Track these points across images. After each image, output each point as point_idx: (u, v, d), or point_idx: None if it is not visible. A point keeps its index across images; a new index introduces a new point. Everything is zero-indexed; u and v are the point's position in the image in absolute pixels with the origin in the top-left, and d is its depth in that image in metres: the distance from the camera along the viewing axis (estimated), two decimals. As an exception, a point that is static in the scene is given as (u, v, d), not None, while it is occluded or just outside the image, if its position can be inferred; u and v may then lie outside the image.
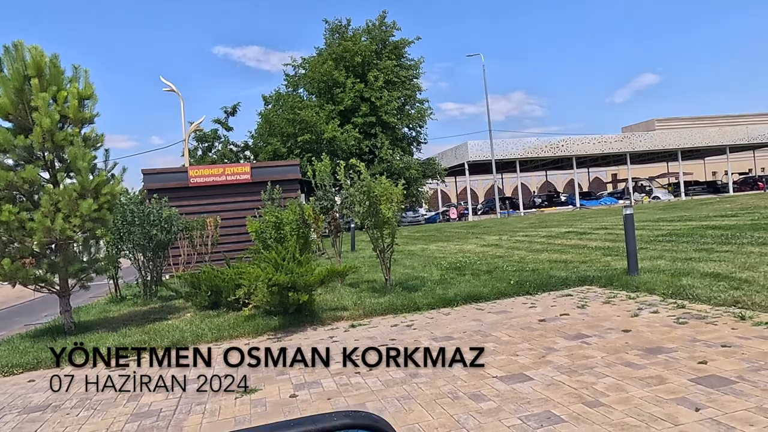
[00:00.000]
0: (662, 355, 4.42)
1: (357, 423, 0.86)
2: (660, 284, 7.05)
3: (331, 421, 0.84)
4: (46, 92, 7.35)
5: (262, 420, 3.89)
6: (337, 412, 0.86)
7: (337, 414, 0.85)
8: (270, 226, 9.84)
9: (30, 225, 7.18)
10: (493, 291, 7.86)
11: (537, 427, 3.30)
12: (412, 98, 37.96)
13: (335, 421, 0.84)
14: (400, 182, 8.68)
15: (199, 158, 35.12)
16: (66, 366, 6.25)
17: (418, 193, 37.56)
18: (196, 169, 17.74)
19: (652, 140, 44.18)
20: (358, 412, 0.87)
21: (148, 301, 10.48)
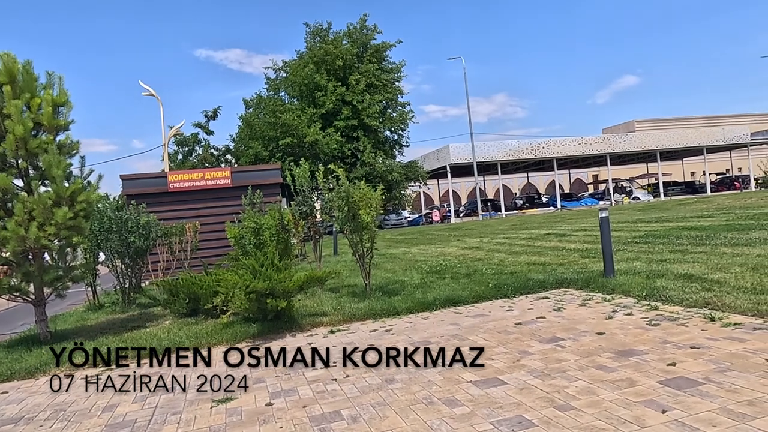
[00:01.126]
0: (633, 358, 4.50)
1: None
2: (635, 286, 7.17)
3: None
4: (19, 99, 7.25)
5: (237, 429, 3.89)
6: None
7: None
8: (249, 232, 9.79)
9: (3, 234, 7.08)
10: (471, 294, 7.92)
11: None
12: (394, 101, 38.08)
13: None
14: (378, 187, 8.71)
15: (180, 162, 34.85)
16: (40, 377, 6.17)
17: (401, 195, 37.67)
18: (175, 174, 17.62)
19: (632, 141, 44.83)
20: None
21: (127, 309, 10.38)
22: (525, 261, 10.96)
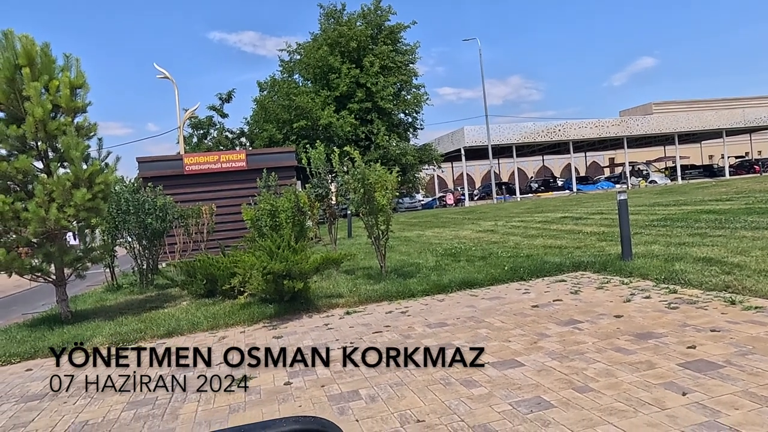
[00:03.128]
0: (652, 340, 4.47)
1: (306, 428, 0.87)
2: (653, 269, 7.10)
3: (280, 427, 0.85)
4: (38, 81, 7.30)
5: (257, 408, 3.94)
6: (287, 418, 0.88)
7: (287, 420, 0.87)
8: (265, 214, 9.84)
9: (24, 215, 7.18)
10: (487, 277, 7.90)
11: (527, 413, 3.34)
12: (408, 84, 37.76)
13: (284, 427, 0.85)
14: (394, 169, 8.68)
15: (195, 145, 34.98)
16: (64, 356, 6.29)
17: (415, 179, 37.54)
18: (191, 156, 17.71)
19: (649, 124, 44.15)
20: (307, 418, 0.88)
21: (145, 290, 10.51)
22: (541, 244, 10.90)
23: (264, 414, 3.81)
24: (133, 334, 6.64)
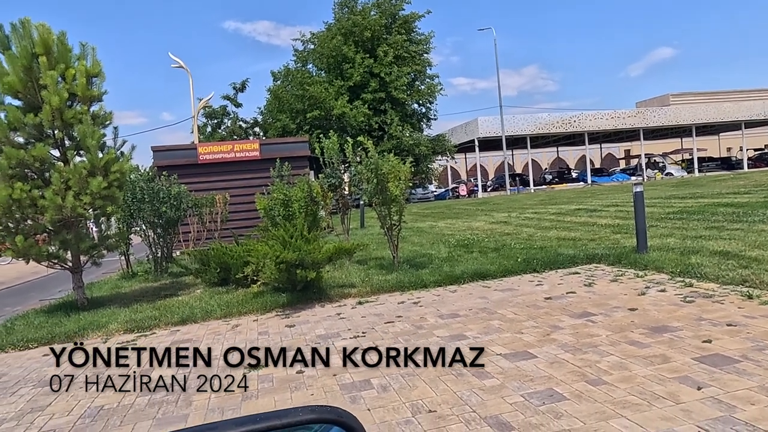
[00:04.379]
0: (667, 334, 4.43)
1: (322, 417, 0.87)
2: (669, 262, 7.02)
3: (296, 416, 0.85)
4: (54, 70, 7.35)
5: (269, 396, 3.97)
6: (303, 407, 0.87)
7: (303, 409, 0.86)
8: (278, 204, 9.88)
9: (41, 202, 7.26)
10: (500, 268, 7.87)
11: (539, 405, 3.33)
12: (422, 74, 37.53)
13: (300, 416, 0.85)
14: (408, 160, 8.65)
15: (209, 135, 35.14)
16: (79, 341, 6.38)
17: (428, 169, 37.41)
18: (205, 145, 17.79)
19: (667, 116, 43.54)
20: (323, 407, 0.88)
21: (159, 278, 10.62)
22: (554, 236, 10.83)
23: (276, 402, 3.84)
24: (148, 321, 6.72)
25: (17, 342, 6.39)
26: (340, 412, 0.88)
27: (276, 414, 0.85)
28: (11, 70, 7.29)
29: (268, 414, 0.85)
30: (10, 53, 7.33)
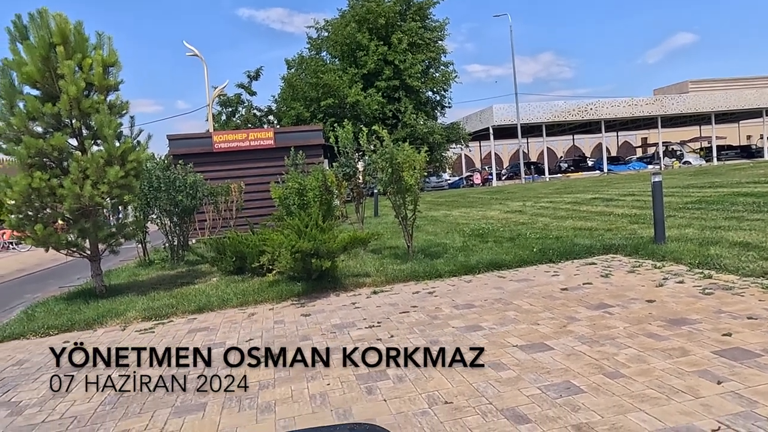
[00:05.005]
0: (686, 327, 4.38)
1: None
2: (687, 253, 6.93)
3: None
4: (72, 60, 7.40)
5: (286, 385, 3.99)
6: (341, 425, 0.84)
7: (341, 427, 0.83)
8: (293, 193, 9.90)
9: (60, 191, 7.35)
10: (515, 259, 7.83)
11: (556, 397, 3.32)
12: (437, 61, 37.27)
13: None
14: (423, 149, 8.60)
15: (223, 123, 35.23)
16: (98, 328, 6.48)
17: (442, 158, 37.26)
18: (220, 134, 17.86)
19: (685, 103, 42.86)
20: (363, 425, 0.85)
21: (176, 266, 10.72)
22: (570, 226, 10.74)
23: (293, 391, 3.86)
24: (165, 309, 6.79)
25: (38, 329, 6.50)
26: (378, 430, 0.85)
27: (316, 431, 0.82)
28: (29, 60, 7.34)
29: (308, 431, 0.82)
30: (28, 43, 7.39)
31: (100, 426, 3.60)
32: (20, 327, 6.64)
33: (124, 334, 6.11)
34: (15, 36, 7.44)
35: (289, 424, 3.34)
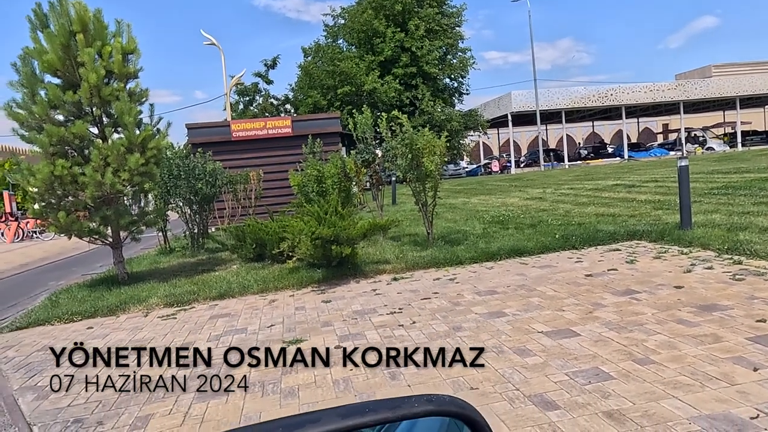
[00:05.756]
0: (717, 313, 4.26)
1: (440, 410, 0.77)
2: (715, 239, 6.77)
3: (411, 407, 0.76)
4: (91, 47, 7.41)
5: (309, 371, 3.96)
6: (417, 397, 0.77)
7: (417, 398, 0.76)
8: (312, 180, 9.87)
9: (82, 179, 7.40)
10: (537, 245, 7.72)
11: (585, 384, 3.24)
12: (454, 47, 36.89)
13: (416, 408, 0.76)
14: (443, 134, 8.49)
15: (241, 112, 35.32)
16: (121, 315, 6.53)
17: (460, 145, 36.98)
18: (238, 123, 17.90)
19: (708, 88, 41.90)
20: (441, 397, 0.79)
21: (196, 253, 10.78)
22: (593, 212, 10.57)
23: (316, 376, 3.84)
24: (186, 295, 6.82)
25: (62, 315, 6.57)
26: (460, 404, 0.79)
27: (386, 404, 0.75)
28: (50, 48, 7.37)
29: (379, 403, 0.76)
30: (48, 31, 7.41)
31: (125, 410, 3.61)
32: (45, 313, 6.72)
33: (146, 320, 6.15)
34: (36, 24, 7.46)
35: (312, 408, 3.31)
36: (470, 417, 0.78)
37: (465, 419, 0.78)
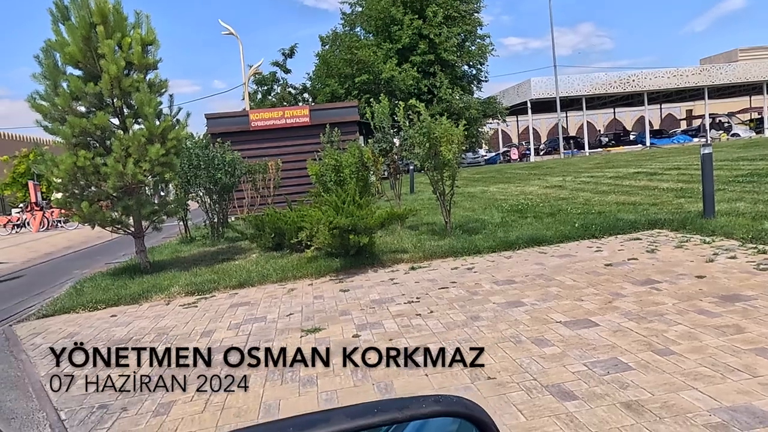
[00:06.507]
0: (740, 303, 4.20)
1: (448, 410, 0.78)
2: (739, 228, 6.65)
3: (419, 408, 0.77)
4: (112, 39, 7.49)
5: (326, 356, 4.00)
6: (425, 397, 0.78)
7: (425, 399, 0.77)
8: (330, 169, 9.89)
9: (104, 170, 7.51)
10: (556, 234, 7.67)
11: (603, 374, 3.23)
12: (473, 34, 36.51)
13: (424, 408, 0.77)
14: (461, 123, 8.44)
15: (259, 102, 35.45)
16: (143, 303, 6.65)
17: (478, 133, 36.69)
18: (256, 112, 17.95)
19: (735, 72, 40.89)
20: (449, 397, 0.79)
21: (216, 242, 10.91)
22: (613, 201, 10.45)
23: (334, 365, 3.87)
24: (207, 284, 6.92)
25: (87, 303, 6.71)
26: (468, 404, 0.79)
27: (395, 404, 0.76)
28: (71, 40, 7.46)
29: (388, 403, 0.77)
30: (69, 24, 7.50)
31: (148, 397, 3.69)
32: (70, 301, 6.87)
33: (168, 308, 6.25)
34: (57, 17, 7.56)
35: (331, 397, 3.35)
36: (478, 418, 0.78)
37: (473, 420, 0.78)
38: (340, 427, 0.72)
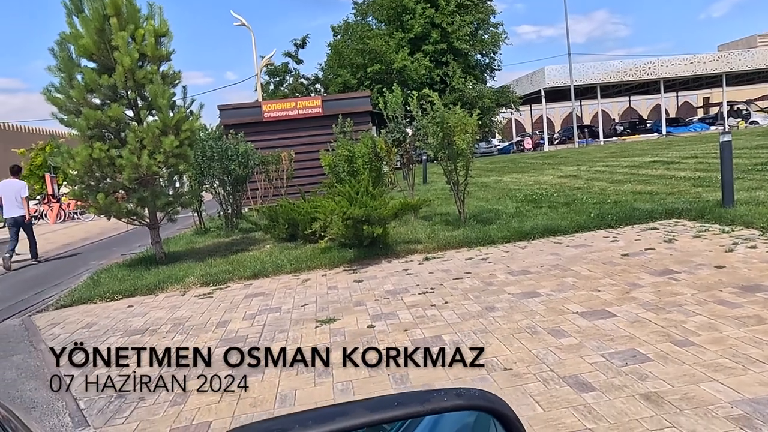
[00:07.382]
0: (761, 294, 4.13)
1: (470, 404, 0.77)
2: (759, 217, 6.54)
3: (440, 402, 0.75)
4: (125, 31, 7.50)
5: (340, 350, 4.01)
6: (446, 390, 0.77)
7: (447, 392, 0.76)
8: (343, 160, 9.87)
9: (119, 161, 7.56)
10: (571, 224, 7.60)
11: (621, 365, 3.19)
12: (486, 22, 36.12)
13: (446, 402, 0.75)
14: (474, 112, 8.37)
15: (272, 93, 35.45)
16: (159, 294, 6.71)
17: (491, 122, 36.42)
18: (269, 103, 17.97)
19: (754, 58, 40.12)
20: (470, 390, 0.78)
21: (230, 233, 10.96)
22: (629, 190, 10.33)
23: (349, 356, 3.87)
24: (222, 275, 6.95)
25: (103, 294, 6.79)
26: (490, 398, 0.78)
27: (416, 397, 0.75)
28: (85, 32, 7.49)
29: (408, 396, 0.75)
30: (83, 16, 7.52)
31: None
32: (87, 292, 6.95)
33: (184, 299, 6.29)
34: (71, 9, 7.58)
35: (346, 387, 3.35)
36: (500, 411, 0.77)
37: (495, 414, 0.77)
38: (360, 421, 0.71)
